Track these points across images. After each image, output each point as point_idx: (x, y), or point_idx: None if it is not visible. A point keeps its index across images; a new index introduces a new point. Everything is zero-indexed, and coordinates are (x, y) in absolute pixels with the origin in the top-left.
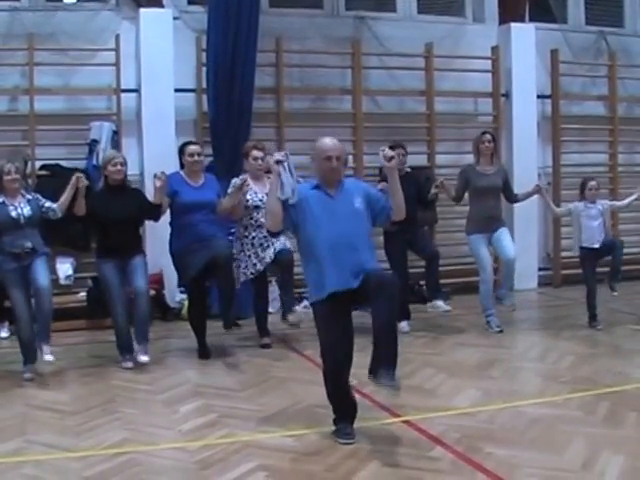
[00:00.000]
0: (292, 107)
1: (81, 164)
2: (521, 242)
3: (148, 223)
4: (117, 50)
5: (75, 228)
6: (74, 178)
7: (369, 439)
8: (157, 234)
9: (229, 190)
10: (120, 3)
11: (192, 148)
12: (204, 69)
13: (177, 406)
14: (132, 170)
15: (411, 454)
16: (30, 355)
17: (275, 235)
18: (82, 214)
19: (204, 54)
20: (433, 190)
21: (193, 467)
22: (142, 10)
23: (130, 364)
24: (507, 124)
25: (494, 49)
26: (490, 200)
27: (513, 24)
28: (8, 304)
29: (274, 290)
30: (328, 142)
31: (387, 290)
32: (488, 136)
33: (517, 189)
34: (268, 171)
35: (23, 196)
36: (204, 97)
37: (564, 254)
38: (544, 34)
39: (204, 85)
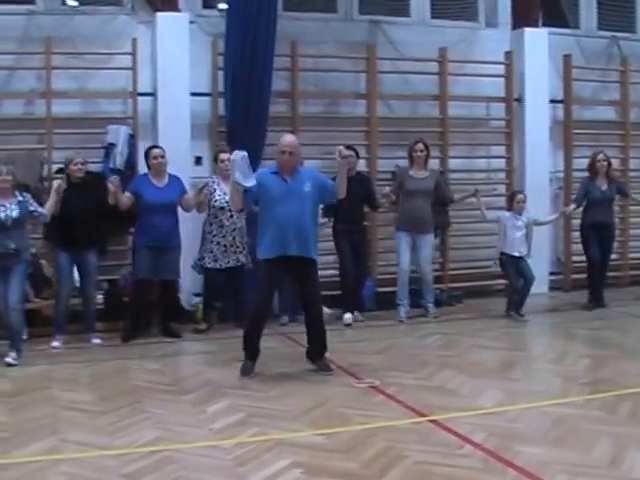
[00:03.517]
0: (306, 111)
1: (97, 167)
2: (532, 247)
3: None
4: (133, 54)
5: (105, 227)
6: (56, 184)
7: (399, 437)
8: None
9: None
10: (136, 7)
11: (156, 151)
12: (220, 73)
13: (204, 406)
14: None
15: (441, 452)
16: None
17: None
18: (55, 213)
19: (220, 58)
20: (381, 200)
21: (229, 464)
22: (158, 14)
23: (58, 343)
24: (519, 129)
25: (507, 54)
26: (419, 202)
27: (526, 29)
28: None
29: None
30: (285, 139)
31: (314, 306)
32: (421, 145)
33: (529, 193)
34: None
35: (14, 197)
36: (220, 101)
37: (575, 258)
38: (557, 39)
39: (220, 89)
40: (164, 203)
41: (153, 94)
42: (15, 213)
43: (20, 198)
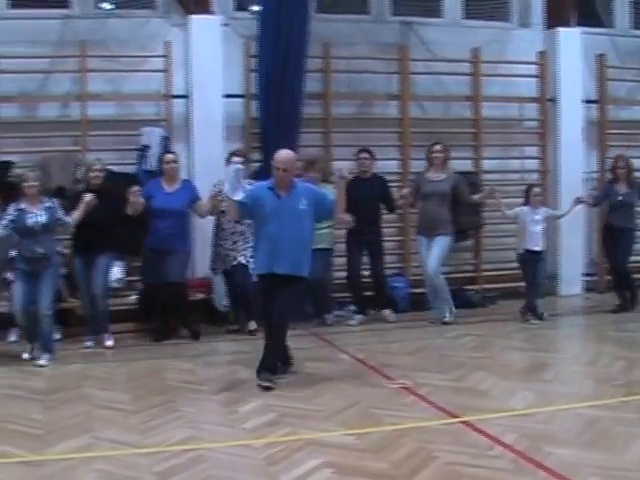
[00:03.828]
0: (339, 112)
1: (131, 169)
2: (566, 247)
3: (199, 229)
4: (167, 56)
5: (123, 232)
6: (88, 197)
7: (429, 438)
8: (207, 240)
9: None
10: (170, 10)
11: (168, 156)
12: (253, 75)
13: (236, 406)
14: (181, 175)
15: (472, 453)
16: (30, 337)
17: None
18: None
19: (253, 60)
20: (400, 201)
21: (260, 463)
22: (191, 17)
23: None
24: (553, 129)
25: (540, 54)
26: (433, 205)
27: (560, 29)
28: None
29: None
30: (280, 155)
31: (276, 317)
32: (438, 146)
33: (563, 194)
34: None
35: (42, 203)
36: (253, 102)
37: None
38: (590, 39)
39: (253, 91)
40: (170, 209)
41: (187, 96)
42: (43, 219)
43: (49, 204)
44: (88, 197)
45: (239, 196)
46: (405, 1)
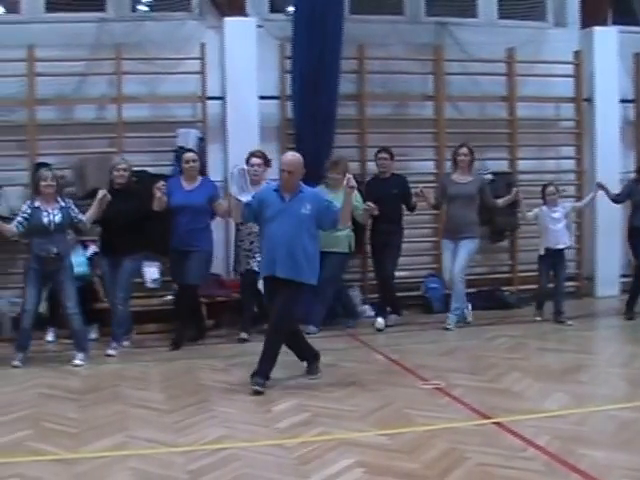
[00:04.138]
0: (374, 113)
1: (167, 170)
2: (604, 249)
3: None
4: (202, 58)
5: (154, 231)
6: (101, 193)
7: (462, 439)
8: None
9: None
10: (205, 12)
11: (187, 155)
12: (287, 76)
13: (270, 405)
14: (216, 176)
15: (504, 454)
16: (23, 344)
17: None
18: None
19: (287, 61)
20: (414, 198)
21: (292, 462)
22: (226, 19)
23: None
24: (589, 129)
25: (576, 53)
26: (459, 207)
27: (595, 28)
28: (98, 306)
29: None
30: (286, 157)
31: (272, 324)
32: (465, 149)
33: (599, 194)
34: None
35: (57, 202)
36: (288, 104)
37: None
38: (627, 37)
39: (287, 92)
40: (189, 205)
41: (222, 98)
42: (58, 218)
43: (62, 204)
44: (101, 193)
45: (246, 197)
46: (440, 1)
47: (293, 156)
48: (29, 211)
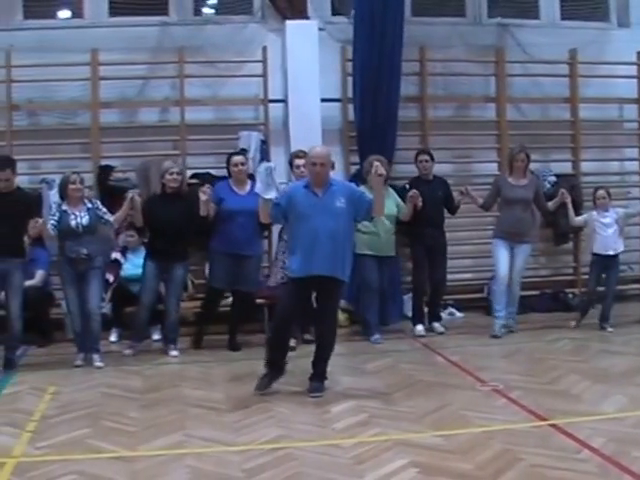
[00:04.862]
0: (436, 115)
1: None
2: None
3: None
4: (264, 61)
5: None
6: (130, 194)
7: (517, 440)
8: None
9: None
10: (266, 16)
11: (236, 159)
12: (349, 79)
13: (328, 406)
14: (280, 178)
15: (558, 456)
16: (83, 345)
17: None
18: (140, 225)
19: (349, 64)
20: (458, 197)
21: (347, 462)
22: (288, 22)
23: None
24: None
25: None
26: (518, 211)
27: None
28: (161, 307)
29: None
30: (316, 150)
31: (326, 325)
32: (522, 155)
33: None
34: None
35: (84, 204)
36: (350, 106)
37: None
38: None
39: (349, 95)
40: (245, 210)
41: (284, 100)
42: (85, 220)
43: (89, 205)
44: (130, 194)
45: (271, 195)
46: (502, 3)
47: (322, 148)
48: (57, 215)
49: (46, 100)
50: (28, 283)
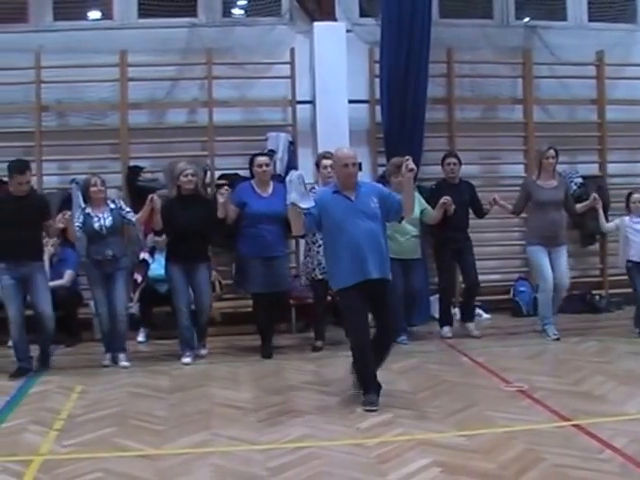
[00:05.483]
0: (463, 117)
1: None
2: None
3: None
4: (292, 63)
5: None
6: (149, 198)
7: (540, 441)
8: None
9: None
10: (294, 17)
11: (260, 159)
12: (377, 80)
13: (353, 406)
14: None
15: (580, 456)
16: (111, 345)
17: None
18: (159, 228)
19: (377, 66)
20: (486, 206)
21: (371, 461)
22: (316, 24)
23: (189, 359)
24: None
25: None
26: (551, 214)
27: None
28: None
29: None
30: (345, 151)
31: (390, 334)
32: (552, 152)
33: None
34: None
35: (107, 206)
36: (377, 108)
37: None
38: None
39: (377, 96)
40: (270, 213)
41: (312, 102)
42: (108, 222)
43: (112, 206)
44: (150, 196)
45: (309, 204)
46: (529, 5)
47: (349, 149)
48: (82, 218)
49: (75, 101)
50: (57, 283)
